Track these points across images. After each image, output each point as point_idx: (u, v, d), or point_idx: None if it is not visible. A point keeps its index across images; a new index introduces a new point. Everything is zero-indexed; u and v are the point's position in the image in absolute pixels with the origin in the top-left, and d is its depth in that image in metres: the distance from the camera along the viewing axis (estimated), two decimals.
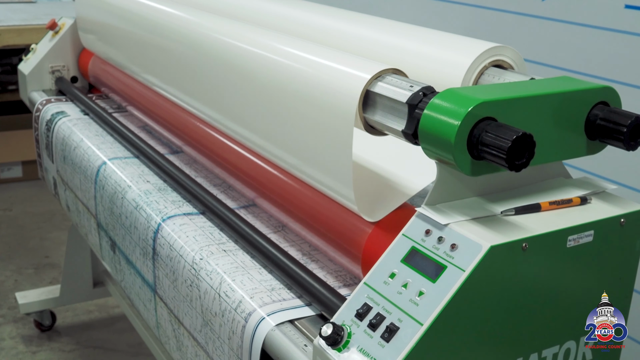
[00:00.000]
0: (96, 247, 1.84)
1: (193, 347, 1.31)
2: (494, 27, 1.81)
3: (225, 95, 1.39)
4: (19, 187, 3.92)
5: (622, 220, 0.97)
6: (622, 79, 1.49)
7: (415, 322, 0.85)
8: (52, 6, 4.08)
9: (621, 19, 1.49)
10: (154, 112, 1.81)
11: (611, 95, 0.98)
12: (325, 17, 1.46)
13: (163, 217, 1.43)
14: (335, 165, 1.08)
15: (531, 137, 0.85)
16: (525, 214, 0.94)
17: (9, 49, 3.57)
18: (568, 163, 1.09)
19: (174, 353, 1.42)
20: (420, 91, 0.95)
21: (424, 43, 1.23)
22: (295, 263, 1.18)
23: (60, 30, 2.28)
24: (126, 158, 1.75)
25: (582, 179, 1.05)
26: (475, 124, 0.87)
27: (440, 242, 0.90)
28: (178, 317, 1.35)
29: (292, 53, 1.19)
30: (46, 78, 2.27)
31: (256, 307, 1.12)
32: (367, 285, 0.93)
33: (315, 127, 1.11)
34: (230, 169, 1.47)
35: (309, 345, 1.02)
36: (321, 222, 1.18)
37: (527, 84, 1.01)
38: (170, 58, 1.62)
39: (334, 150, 1.07)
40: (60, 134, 1.97)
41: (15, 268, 3.14)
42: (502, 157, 0.84)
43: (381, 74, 1.02)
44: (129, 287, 1.61)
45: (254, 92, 1.27)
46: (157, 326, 1.48)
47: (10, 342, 2.65)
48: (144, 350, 2.55)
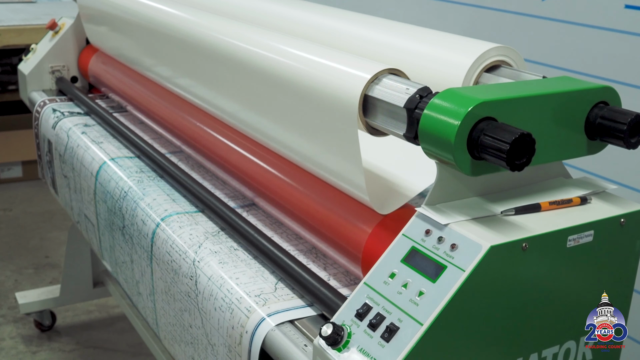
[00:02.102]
0: (96, 246, 1.84)
1: (193, 347, 1.31)
2: (494, 27, 1.81)
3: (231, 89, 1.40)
4: (19, 187, 3.92)
5: (622, 220, 0.97)
6: (622, 79, 1.49)
7: (415, 322, 0.85)
8: (52, 6, 4.08)
9: (621, 19, 1.49)
10: (153, 111, 1.81)
11: (611, 95, 0.98)
12: (326, 17, 1.46)
13: (162, 216, 1.43)
14: (344, 160, 1.08)
15: (531, 137, 0.85)
16: (525, 214, 0.94)
17: (9, 49, 3.57)
18: (568, 163, 1.08)
19: (174, 352, 1.42)
20: (416, 94, 0.95)
21: (424, 43, 1.23)
22: (296, 262, 1.18)
23: (60, 30, 2.28)
24: (126, 157, 1.75)
25: (582, 179, 1.05)
26: (475, 124, 0.87)
27: (440, 242, 0.90)
28: (178, 316, 1.35)
29: (292, 53, 1.20)
30: (46, 78, 2.27)
31: (256, 307, 1.12)
32: (367, 285, 0.93)
33: (320, 124, 1.12)
34: (230, 169, 1.47)
35: (309, 345, 1.02)
36: (321, 222, 1.18)
37: (527, 84, 1.01)
38: (174, 53, 1.62)
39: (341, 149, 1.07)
40: (60, 134, 1.97)
41: (15, 268, 3.14)
42: (502, 157, 0.84)
43: (378, 76, 1.01)
44: (129, 287, 1.61)
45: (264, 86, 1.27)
46: (157, 326, 1.49)
47: (10, 342, 2.65)
48: (144, 350, 2.55)
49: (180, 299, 1.32)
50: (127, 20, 1.84)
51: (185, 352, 1.35)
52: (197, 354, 1.30)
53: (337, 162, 1.12)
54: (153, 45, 1.73)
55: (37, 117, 2.14)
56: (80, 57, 2.28)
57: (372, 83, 1.01)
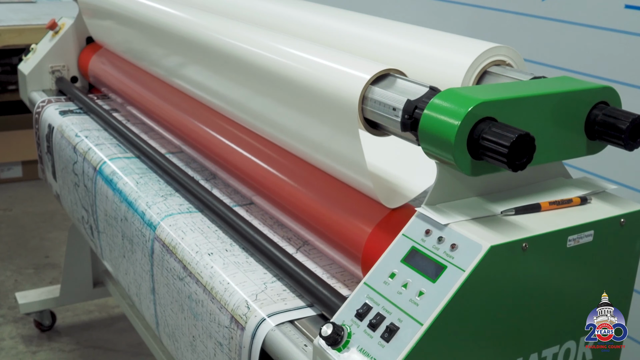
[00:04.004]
0: (96, 246, 1.84)
1: (193, 347, 1.31)
2: (494, 27, 1.81)
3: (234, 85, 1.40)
4: (19, 187, 3.92)
5: (622, 220, 0.97)
6: (622, 79, 1.49)
7: (415, 322, 0.85)
8: (52, 6, 4.08)
9: (621, 19, 1.49)
10: (153, 111, 1.81)
11: (611, 95, 0.98)
12: (326, 17, 1.46)
13: (162, 216, 1.43)
14: (347, 154, 1.09)
15: (531, 137, 0.85)
16: (525, 214, 0.94)
17: (9, 49, 3.57)
18: (568, 163, 1.08)
19: (174, 352, 1.42)
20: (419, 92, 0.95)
21: (424, 43, 1.23)
22: (296, 263, 1.18)
23: (60, 30, 2.27)
24: (126, 157, 1.75)
25: (582, 179, 1.05)
26: (475, 124, 0.87)
27: (440, 242, 0.90)
28: (178, 316, 1.35)
29: (292, 53, 1.20)
30: (46, 78, 2.27)
31: (256, 307, 1.12)
32: (367, 285, 0.93)
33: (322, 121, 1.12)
34: (229, 168, 1.47)
35: (309, 345, 1.02)
36: (321, 222, 1.18)
37: (527, 84, 1.01)
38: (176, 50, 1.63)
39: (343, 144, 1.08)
40: (60, 134, 1.97)
41: (15, 268, 3.14)
42: (502, 157, 0.84)
43: (381, 74, 1.02)
44: (129, 287, 1.61)
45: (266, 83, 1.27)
46: (157, 326, 1.49)
47: (10, 342, 2.65)
48: (144, 350, 2.55)
49: (180, 299, 1.32)
50: (131, 11, 1.83)
51: (185, 352, 1.35)
52: (197, 354, 1.30)
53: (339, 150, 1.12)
54: (157, 36, 1.72)
55: (37, 117, 2.14)
56: (80, 57, 2.28)
57: (373, 82, 1.01)
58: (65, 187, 1.99)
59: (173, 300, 1.36)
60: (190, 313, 1.29)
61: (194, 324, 1.28)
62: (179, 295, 1.32)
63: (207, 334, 1.23)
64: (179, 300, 1.33)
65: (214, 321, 1.20)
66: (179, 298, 1.33)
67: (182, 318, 1.33)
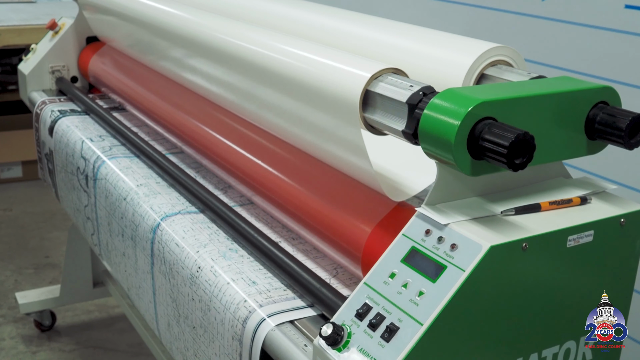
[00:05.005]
0: (96, 246, 1.84)
1: (193, 347, 1.31)
2: (494, 27, 1.81)
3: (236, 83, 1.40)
4: (19, 187, 3.92)
5: (622, 220, 0.97)
6: (622, 79, 1.49)
7: (415, 322, 0.85)
8: (52, 6, 4.08)
9: (621, 19, 1.49)
10: (153, 111, 1.81)
11: (611, 95, 0.98)
12: (325, 17, 1.46)
13: (162, 216, 1.43)
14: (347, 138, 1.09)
15: (531, 137, 0.85)
16: (525, 214, 0.94)
17: (9, 49, 3.57)
18: (568, 163, 1.08)
19: (174, 352, 1.42)
20: (420, 91, 0.95)
21: (424, 43, 1.23)
22: (296, 262, 1.18)
23: (60, 30, 2.27)
24: (126, 157, 1.75)
25: (582, 179, 1.05)
26: (475, 124, 0.87)
27: (440, 242, 0.90)
28: (178, 316, 1.35)
29: (294, 52, 1.20)
30: (46, 78, 2.27)
31: (256, 307, 1.12)
32: (367, 285, 0.93)
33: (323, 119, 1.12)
34: (228, 168, 1.47)
35: (309, 345, 1.02)
36: (321, 222, 1.18)
37: (527, 84, 1.01)
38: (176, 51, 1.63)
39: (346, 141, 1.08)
40: (60, 134, 1.97)
41: (15, 268, 3.14)
42: (502, 157, 0.84)
43: (381, 74, 1.02)
44: (129, 287, 1.61)
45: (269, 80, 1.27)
46: (157, 326, 1.49)
47: (10, 342, 2.65)
48: (144, 350, 2.56)
49: (180, 299, 1.32)
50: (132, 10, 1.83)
51: (186, 352, 1.35)
52: (197, 354, 1.30)
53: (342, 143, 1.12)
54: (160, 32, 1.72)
55: (37, 117, 2.14)
56: (80, 57, 2.28)
57: (376, 79, 1.01)
58: (65, 187, 1.99)
59: (173, 300, 1.36)
60: (190, 313, 1.29)
61: (194, 324, 1.28)
62: (179, 295, 1.32)
63: (207, 334, 1.23)
64: (179, 300, 1.33)
65: (214, 321, 1.20)
66: (179, 298, 1.33)
67: (182, 318, 1.33)
